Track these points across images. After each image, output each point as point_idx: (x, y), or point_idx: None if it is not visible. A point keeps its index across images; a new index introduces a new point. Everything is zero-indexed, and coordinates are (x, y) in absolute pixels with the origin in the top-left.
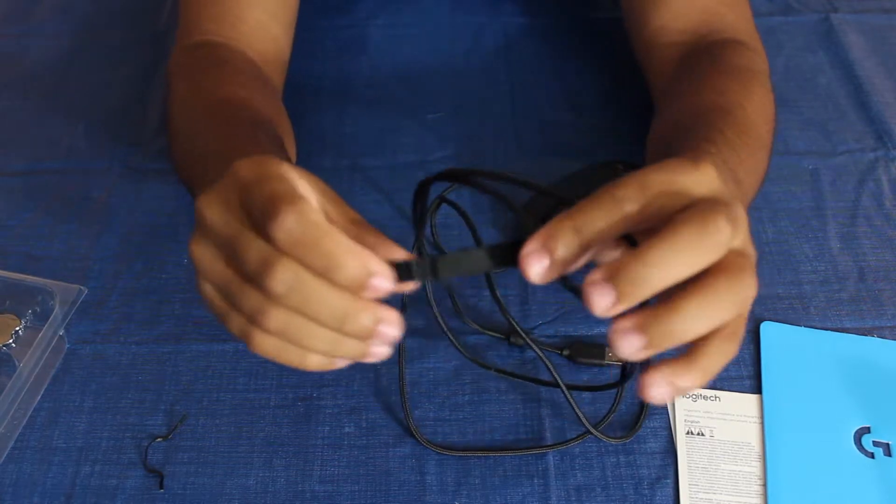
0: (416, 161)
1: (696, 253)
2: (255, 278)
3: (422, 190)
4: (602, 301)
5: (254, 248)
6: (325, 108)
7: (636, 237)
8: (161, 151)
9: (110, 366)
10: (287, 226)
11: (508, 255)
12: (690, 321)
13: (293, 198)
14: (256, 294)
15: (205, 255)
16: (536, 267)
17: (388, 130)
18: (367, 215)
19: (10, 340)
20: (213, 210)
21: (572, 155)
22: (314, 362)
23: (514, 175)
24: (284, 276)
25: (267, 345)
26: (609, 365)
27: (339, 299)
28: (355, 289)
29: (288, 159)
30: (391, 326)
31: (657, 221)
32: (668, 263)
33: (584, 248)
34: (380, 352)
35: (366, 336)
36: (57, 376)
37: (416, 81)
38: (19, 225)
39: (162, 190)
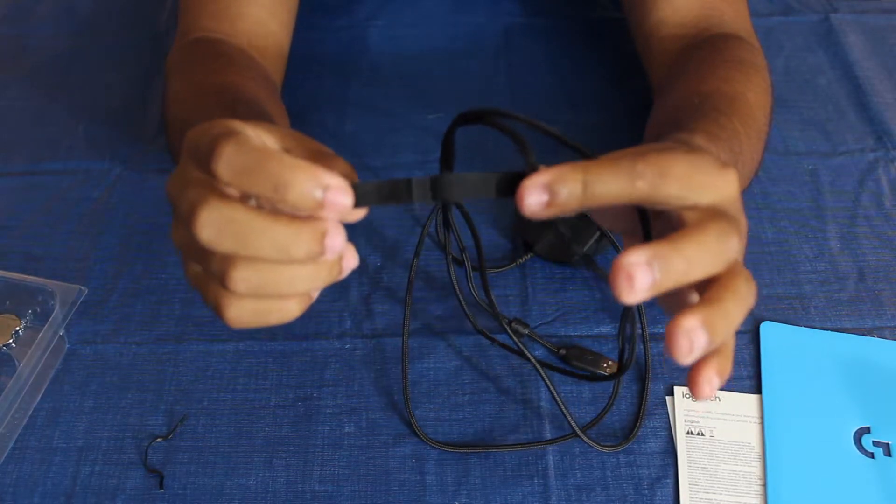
0: (416, 161)
1: (714, 260)
2: (190, 232)
3: (448, 137)
4: (643, 281)
5: (185, 203)
6: (325, 108)
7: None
8: (161, 151)
9: (110, 366)
10: (226, 157)
11: (511, 185)
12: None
13: (231, 132)
14: (218, 255)
15: (178, 234)
16: (533, 198)
17: (388, 130)
18: (367, 214)
19: (11, 340)
20: (173, 184)
21: (572, 155)
22: (294, 309)
23: (539, 122)
24: (209, 217)
25: (242, 312)
26: (601, 374)
27: (275, 225)
28: (312, 208)
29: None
30: (336, 236)
31: (659, 206)
32: (699, 262)
33: (584, 203)
34: (348, 264)
35: (317, 253)
36: (57, 376)
37: (416, 81)
38: (19, 225)
39: (162, 190)
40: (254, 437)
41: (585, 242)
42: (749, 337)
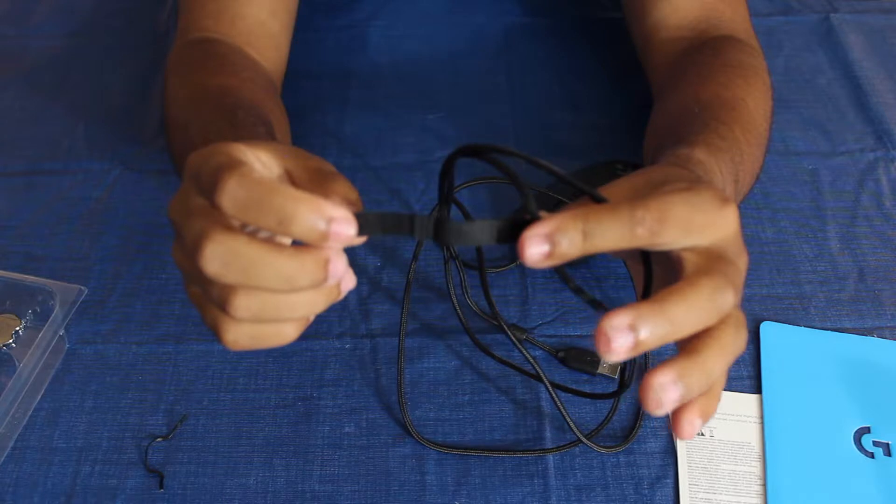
0: (416, 161)
1: (705, 318)
2: (194, 263)
3: (448, 167)
4: (623, 344)
5: (189, 233)
6: (325, 108)
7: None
8: (161, 151)
9: (110, 366)
10: (230, 191)
11: (511, 233)
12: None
13: (233, 164)
14: (220, 283)
15: (180, 257)
16: (535, 250)
17: (388, 130)
18: None
19: (11, 340)
20: (175, 210)
21: (572, 155)
22: (292, 333)
23: (534, 158)
24: (215, 251)
25: (240, 335)
26: (600, 376)
27: (280, 257)
28: (317, 240)
29: (271, 137)
30: (339, 263)
31: (659, 249)
32: (686, 322)
33: (584, 252)
34: (346, 285)
35: (321, 281)
36: (57, 376)
37: (416, 81)
38: (19, 225)
39: (162, 190)
40: (254, 437)
41: None
42: (749, 337)
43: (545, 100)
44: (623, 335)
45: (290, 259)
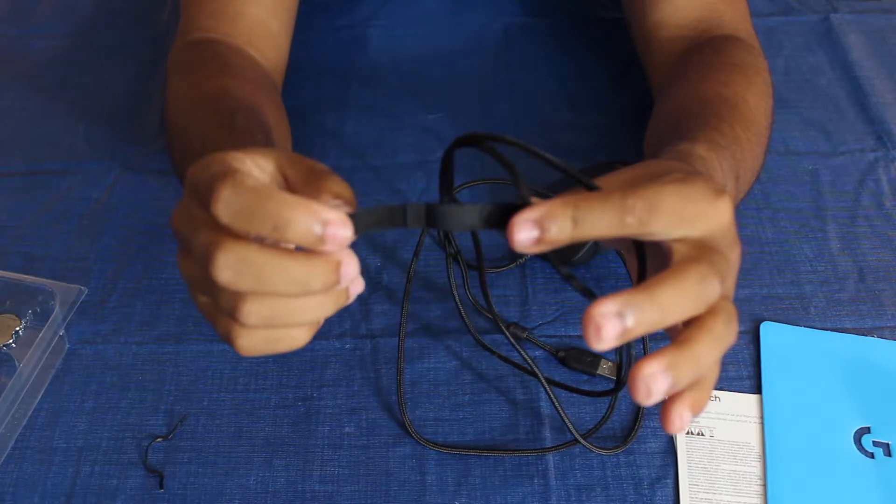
0: (416, 161)
1: (692, 306)
2: (205, 274)
3: (447, 159)
4: (611, 332)
5: (198, 244)
6: (325, 108)
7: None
8: (161, 151)
9: (110, 366)
10: (224, 200)
11: (502, 218)
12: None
13: (227, 172)
14: (228, 291)
15: (186, 266)
16: (523, 235)
17: (388, 130)
18: None
19: (11, 340)
20: (178, 221)
21: (572, 155)
22: (303, 337)
23: (537, 150)
24: (227, 260)
25: (253, 341)
26: (599, 376)
27: (291, 261)
28: (313, 243)
29: (269, 143)
30: (350, 265)
31: (649, 238)
32: (674, 309)
33: (574, 239)
34: (354, 289)
35: (333, 283)
36: (57, 376)
37: (416, 81)
38: (19, 225)
39: (162, 190)
40: (254, 437)
41: (577, 251)
42: (749, 337)
43: (545, 100)
44: (612, 322)
45: (302, 263)
